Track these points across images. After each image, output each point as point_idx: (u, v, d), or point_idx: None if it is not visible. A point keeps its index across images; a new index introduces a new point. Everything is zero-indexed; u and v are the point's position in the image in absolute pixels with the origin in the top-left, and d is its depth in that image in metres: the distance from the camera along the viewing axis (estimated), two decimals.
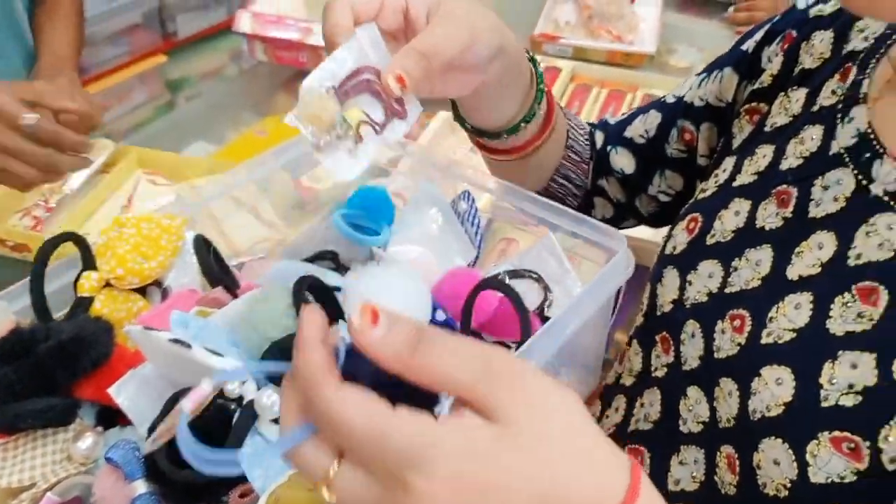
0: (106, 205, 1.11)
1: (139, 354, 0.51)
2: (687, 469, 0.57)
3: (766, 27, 0.67)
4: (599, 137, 0.78)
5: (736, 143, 0.65)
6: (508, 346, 0.54)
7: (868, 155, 0.51)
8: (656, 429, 0.61)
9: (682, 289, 0.60)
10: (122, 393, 0.49)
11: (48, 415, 0.47)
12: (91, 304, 0.55)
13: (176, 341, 0.45)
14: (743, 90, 0.67)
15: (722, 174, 0.63)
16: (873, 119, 0.52)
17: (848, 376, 0.46)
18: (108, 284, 0.57)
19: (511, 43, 0.59)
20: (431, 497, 0.29)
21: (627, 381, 0.66)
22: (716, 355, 0.55)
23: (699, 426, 0.56)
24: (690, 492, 0.57)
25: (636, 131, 0.76)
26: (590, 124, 0.80)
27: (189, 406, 0.33)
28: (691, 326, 0.58)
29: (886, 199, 0.49)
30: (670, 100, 0.75)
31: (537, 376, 0.32)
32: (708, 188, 0.64)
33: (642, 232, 0.85)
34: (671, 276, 0.61)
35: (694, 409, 0.57)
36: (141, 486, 0.46)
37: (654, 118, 0.75)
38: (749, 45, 0.68)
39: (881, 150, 0.50)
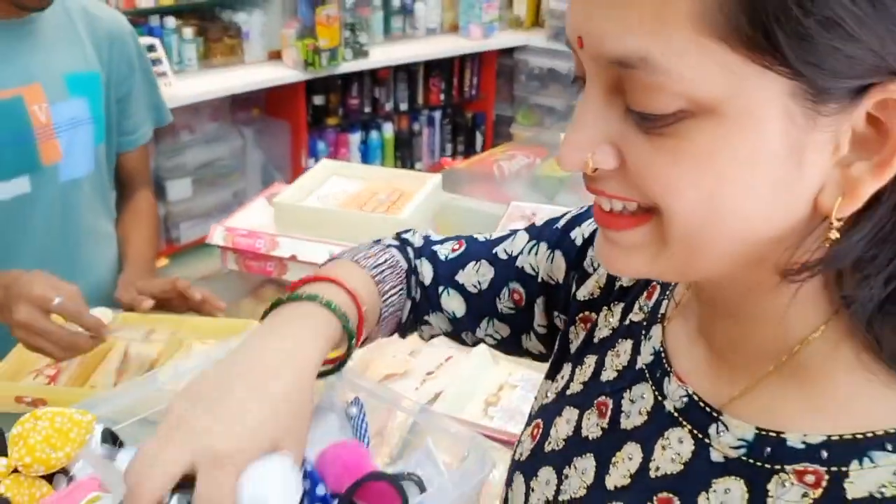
0: (106, 360, 1.22)
1: None
2: None
3: (593, 226, 0.71)
4: (427, 271, 0.78)
5: (573, 347, 0.68)
6: None
7: (659, 373, 0.55)
8: None
9: (526, 495, 0.63)
10: None
11: None
12: None
13: None
14: (572, 281, 0.71)
15: (560, 381, 0.67)
16: (665, 339, 0.57)
17: None
18: (15, 471, 0.61)
19: (316, 370, 0.60)
20: None
21: None
22: None
23: None
24: None
25: (468, 279, 0.77)
26: (412, 249, 0.79)
27: None
28: None
29: (676, 414, 0.52)
30: (502, 256, 0.77)
31: None
32: (550, 394, 0.68)
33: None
34: (518, 482, 0.64)
35: None
36: None
37: (487, 272, 0.76)
38: (576, 236, 0.71)
39: (669, 370, 0.55)
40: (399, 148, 4.06)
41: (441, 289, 0.78)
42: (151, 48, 2.90)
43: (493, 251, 0.78)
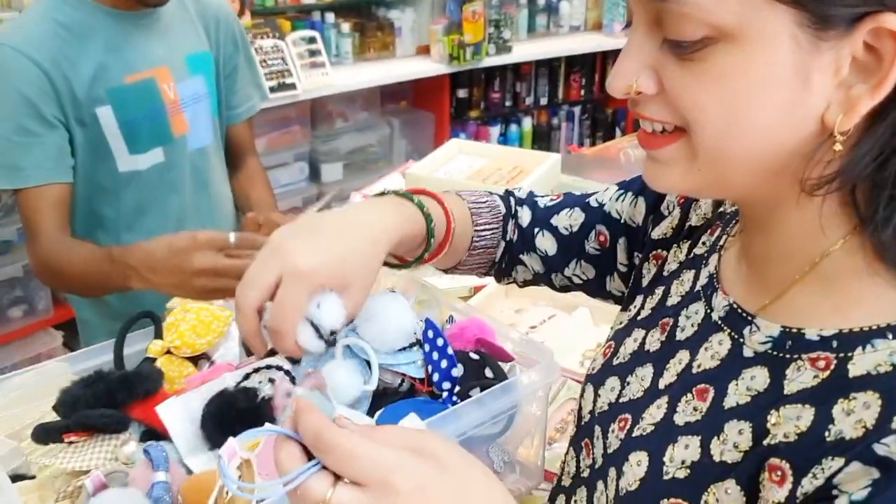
0: None
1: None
2: None
3: None
4: (525, 215, 0.89)
5: (645, 281, 0.78)
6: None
7: (710, 291, 0.65)
8: None
9: (594, 401, 0.73)
10: (165, 410, 0.70)
11: (105, 420, 0.69)
12: (154, 363, 0.78)
13: None
14: (649, 223, 0.81)
15: (633, 310, 0.77)
16: (720, 264, 0.67)
17: (682, 455, 0.59)
18: (168, 352, 0.80)
19: (398, 238, 0.71)
20: (407, 495, 0.46)
21: (567, 481, 0.78)
22: (608, 450, 0.68)
23: None
24: None
25: (562, 222, 0.88)
26: (514, 198, 0.91)
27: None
28: (597, 430, 0.71)
29: (720, 322, 0.62)
30: (594, 204, 0.87)
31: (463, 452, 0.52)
32: (623, 321, 0.78)
33: None
34: (589, 392, 0.75)
35: (599, 499, 0.69)
36: (161, 475, 0.66)
37: (579, 216, 0.87)
38: None
39: (717, 286, 0.65)
40: (537, 141, 4.16)
41: (537, 230, 0.89)
42: (312, 41, 3.18)
43: (587, 200, 0.89)
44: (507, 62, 3.77)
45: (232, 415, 0.66)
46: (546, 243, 0.88)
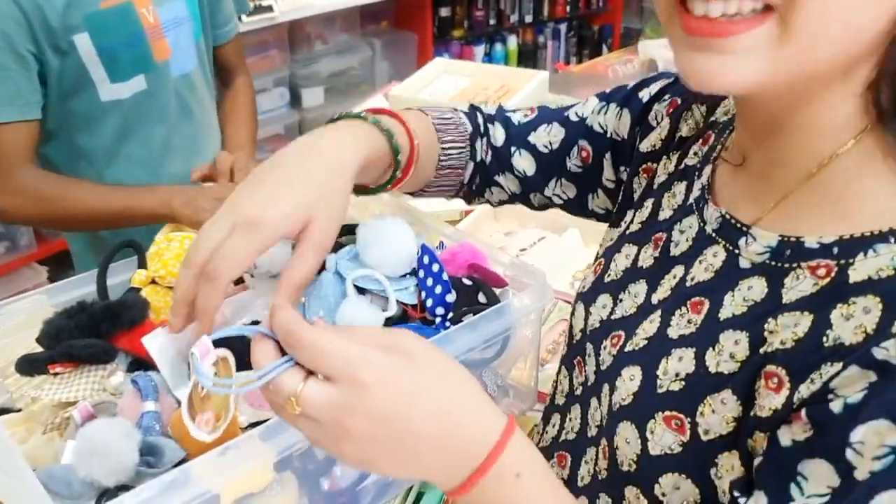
0: None
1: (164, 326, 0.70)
2: (587, 466, 0.69)
3: (661, 84, 0.78)
4: (499, 133, 0.85)
5: (636, 196, 0.77)
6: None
7: (702, 203, 0.64)
8: (577, 438, 0.72)
9: (585, 319, 0.72)
10: (152, 342, 0.68)
11: (91, 350, 0.67)
12: (138, 292, 0.76)
13: None
14: (636, 135, 0.78)
15: (622, 225, 0.76)
16: (713, 175, 0.65)
17: (676, 367, 0.58)
18: (153, 281, 0.78)
19: (357, 167, 0.65)
20: (374, 388, 0.47)
21: (560, 400, 0.78)
22: (601, 367, 0.68)
23: (596, 430, 0.68)
24: (585, 486, 0.68)
25: (540, 139, 0.84)
26: (482, 114, 0.86)
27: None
28: (589, 348, 0.70)
29: (713, 234, 0.61)
30: (573, 118, 0.83)
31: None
32: (613, 237, 0.77)
33: None
34: (580, 310, 0.74)
35: (594, 415, 0.69)
36: (150, 405, 0.65)
37: (558, 132, 0.83)
38: (644, 95, 0.78)
39: (708, 198, 0.63)
40: (523, 60, 4.08)
41: (513, 149, 0.85)
42: None
43: (565, 114, 0.85)
44: None
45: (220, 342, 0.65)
46: (524, 163, 0.85)
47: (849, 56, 0.49)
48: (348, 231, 0.72)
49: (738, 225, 0.59)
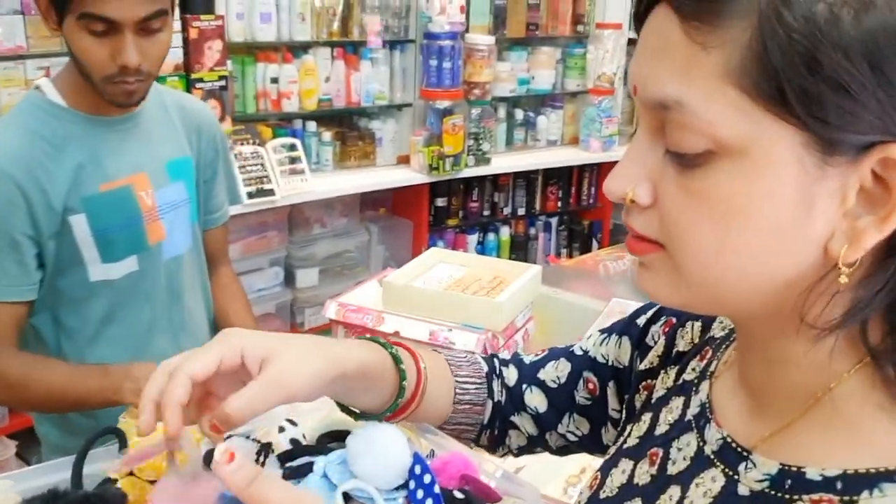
0: None
1: None
2: None
3: (657, 307, 0.80)
4: (512, 374, 0.86)
5: (636, 411, 0.75)
6: None
7: (703, 422, 0.61)
8: None
9: None
10: None
11: None
12: (114, 483, 0.72)
13: None
14: (635, 359, 0.78)
15: (621, 439, 0.73)
16: (712, 392, 0.63)
17: None
18: (131, 473, 0.73)
19: (355, 365, 0.65)
20: None
21: None
22: None
23: None
24: None
25: (549, 375, 0.85)
26: (498, 359, 0.88)
27: None
28: None
29: (713, 457, 0.58)
30: (578, 352, 0.85)
31: None
32: (612, 451, 0.74)
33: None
34: None
35: None
36: None
37: (565, 366, 0.84)
38: (641, 320, 0.80)
39: (710, 417, 0.60)
40: (515, 250, 4.19)
41: (524, 387, 0.85)
42: (293, 148, 3.21)
43: (571, 349, 0.87)
44: (485, 173, 3.84)
45: None
46: (535, 399, 0.85)
47: (767, 295, 0.49)
48: (339, 438, 0.70)
49: (739, 449, 0.56)
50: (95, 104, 1.33)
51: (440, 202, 3.86)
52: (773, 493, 0.52)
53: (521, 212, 4.20)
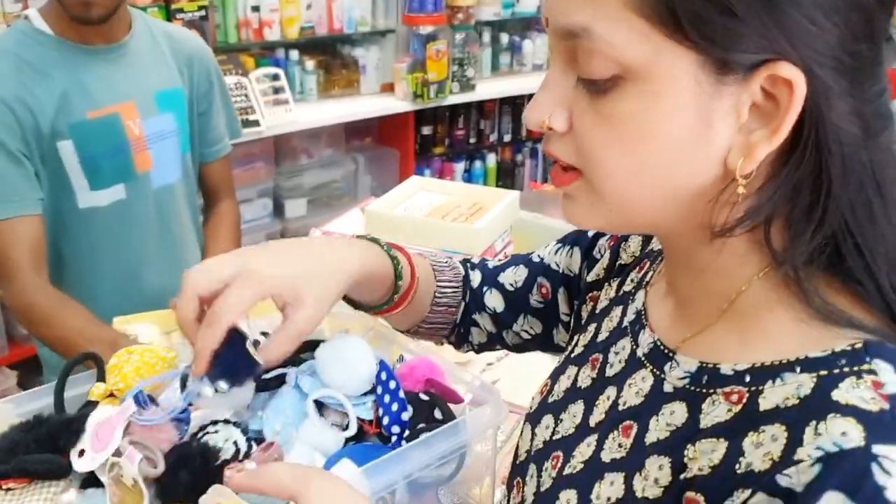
0: None
1: None
2: None
3: None
4: (476, 277, 0.93)
5: (583, 322, 0.80)
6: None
7: (637, 327, 0.66)
8: None
9: (531, 440, 0.74)
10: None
11: (46, 466, 0.67)
12: (96, 406, 0.76)
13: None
14: (583, 269, 0.83)
15: (569, 348, 0.79)
16: (646, 300, 0.68)
17: (608, 492, 0.59)
18: (111, 395, 0.78)
19: (362, 275, 0.72)
20: None
21: None
22: (541, 489, 0.68)
23: None
24: None
25: (507, 279, 0.91)
26: (468, 262, 0.95)
27: None
28: (531, 469, 0.71)
29: (643, 359, 0.63)
30: (535, 259, 0.90)
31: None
32: (560, 359, 0.80)
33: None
34: (527, 430, 0.76)
35: None
36: None
37: (523, 272, 0.90)
38: (591, 232, 0.85)
39: (645, 323, 0.66)
40: (501, 177, 4.21)
41: (485, 288, 0.92)
42: (276, 77, 3.20)
43: (530, 256, 0.92)
44: (470, 100, 3.82)
45: (186, 478, 0.65)
46: (494, 300, 0.91)
47: (676, 208, 0.53)
48: (310, 347, 0.74)
49: (665, 350, 0.61)
50: (82, 33, 1.34)
51: (426, 130, 3.86)
52: (692, 388, 0.57)
53: (508, 138, 4.20)
